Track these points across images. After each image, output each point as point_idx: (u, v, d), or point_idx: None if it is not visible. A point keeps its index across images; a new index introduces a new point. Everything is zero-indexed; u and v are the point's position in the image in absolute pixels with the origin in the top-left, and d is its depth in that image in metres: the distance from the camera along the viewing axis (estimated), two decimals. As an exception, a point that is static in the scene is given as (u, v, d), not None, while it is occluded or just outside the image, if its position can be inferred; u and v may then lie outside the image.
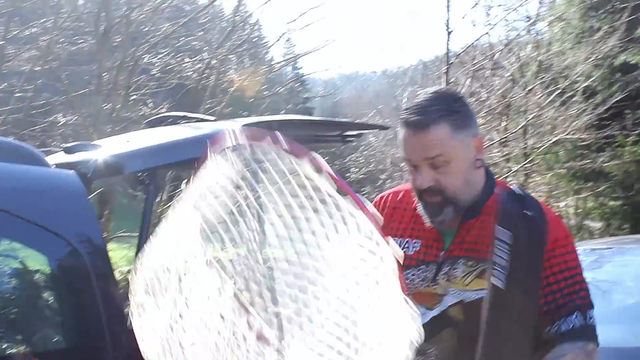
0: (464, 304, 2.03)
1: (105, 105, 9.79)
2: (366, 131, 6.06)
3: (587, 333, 1.99)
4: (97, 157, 2.74)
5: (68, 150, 2.96)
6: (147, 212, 2.81)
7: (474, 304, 2.00)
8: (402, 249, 2.12)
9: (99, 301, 2.39)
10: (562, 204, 17.67)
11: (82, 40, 11.15)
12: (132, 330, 2.54)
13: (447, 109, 2.03)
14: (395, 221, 2.23)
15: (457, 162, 2.03)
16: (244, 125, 2.90)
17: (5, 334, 2.54)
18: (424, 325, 1.67)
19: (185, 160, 2.84)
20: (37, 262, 2.61)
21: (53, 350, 2.57)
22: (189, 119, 3.40)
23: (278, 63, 12.69)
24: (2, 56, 9.97)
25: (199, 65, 11.43)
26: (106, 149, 2.86)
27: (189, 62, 11.60)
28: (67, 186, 2.49)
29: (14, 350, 2.47)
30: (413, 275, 2.11)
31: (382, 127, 4.87)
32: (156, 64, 11.01)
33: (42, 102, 11.28)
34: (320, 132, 3.50)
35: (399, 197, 2.28)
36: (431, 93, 2.08)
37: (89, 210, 2.51)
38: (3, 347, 2.46)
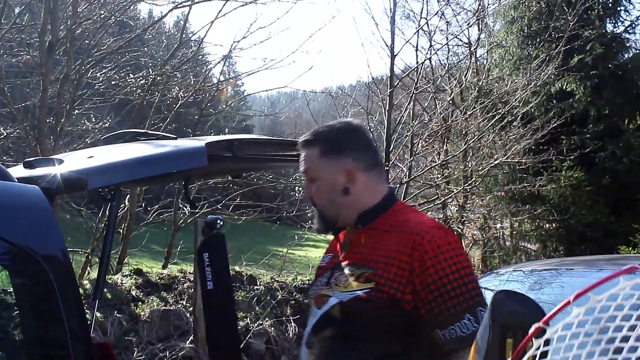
0: (342, 304, 2.34)
1: (49, 119, 9.65)
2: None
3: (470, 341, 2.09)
4: (60, 171, 2.72)
5: (28, 165, 2.93)
6: (111, 228, 2.80)
7: (349, 303, 2.31)
8: (322, 263, 2.62)
9: (63, 317, 2.37)
10: (498, 225, 18.02)
11: (23, 52, 10.98)
12: (96, 346, 2.54)
13: (326, 136, 2.49)
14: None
15: (321, 182, 2.48)
16: (207, 143, 2.92)
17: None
18: (315, 324, 2.38)
19: (150, 177, 2.85)
20: (0, 277, 2.58)
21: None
22: (148, 136, 3.40)
23: (225, 80, 12.66)
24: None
25: (143, 82, 11.36)
26: (69, 163, 2.85)
27: (133, 78, 11.53)
28: (31, 201, 2.47)
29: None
30: (319, 281, 2.52)
31: (339, 148, 4.92)
32: (101, 79, 10.91)
33: (-19, 114, 11.06)
34: (279, 152, 3.54)
35: None
36: (334, 122, 2.54)
37: (54, 226, 2.49)
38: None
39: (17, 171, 2.96)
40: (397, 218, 2.41)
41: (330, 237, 2.75)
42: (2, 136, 10.18)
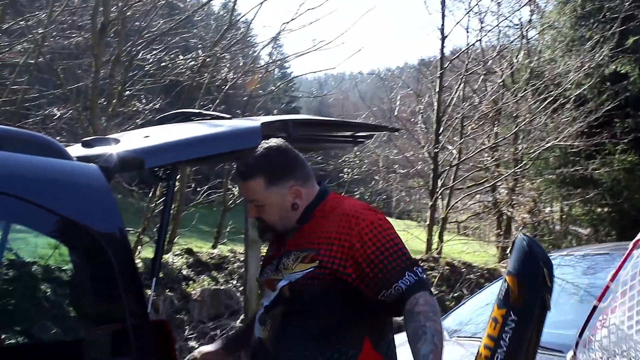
0: (290, 284, 2.60)
1: (101, 100, 9.77)
2: (377, 132, 6.10)
3: (423, 284, 2.48)
4: (117, 151, 2.74)
5: (86, 144, 2.96)
6: (167, 207, 2.82)
7: (297, 282, 2.58)
8: (268, 253, 2.86)
9: (122, 293, 2.39)
10: (548, 209, 17.78)
11: (75, 34, 11.11)
12: (154, 323, 2.57)
13: (266, 166, 2.65)
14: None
15: (270, 206, 2.67)
16: (263, 124, 2.91)
17: (26, 324, 2.55)
18: (268, 304, 2.67)
19: (205, 157, 2.85)
20: (61, 254, 2.62)
21: (75, 342, 2.58)
22: (203, 116, 3.41)
23: (273, 62, 12.67)
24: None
25: (192, 63, 11.42)
26: (126, 143, 2.86)
27: (182, 59, 11.60)
28: (90, 179, 2.50)
29: (36, 340, 2.48)
30: (268, 269, 2.74)
31: (393, 130, 4.90)
32: (151, 60, 10.99)
33: (35, 95, 11.25)
34: (333, 133, 3.52)
35: None
36: (262, 149, 2.68)
37: (112, 204, 2.52)
38: (25, 337, 2.47)
39: (75, 150, 2.99)
40: (333, 204, 2.70)
41: None
42: (55, 117, 10.33)
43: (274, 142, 2.76)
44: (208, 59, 11.16)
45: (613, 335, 2.34)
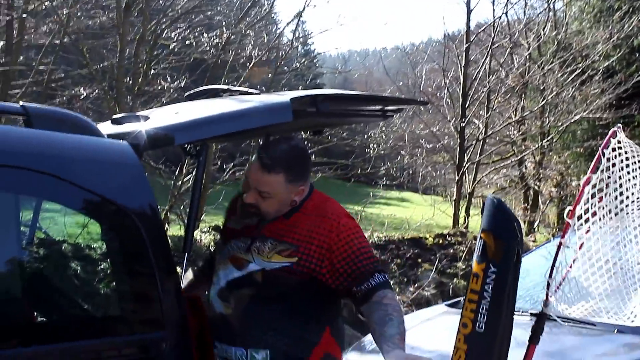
0: (265, 271, 2.72)
1: (126, 79, 9.79)
2: (406, 106, 6.06)
3: (389, 285, 2.71)
4: (147, 128, 2.73)
5: (116, 122, 2.95)
6: (198, 183, 2.81)
7: (272, 272, 2.70)
8: (230, 224, 2.97)
9: (155, 271, 2.39)
10: (574, 183, 17.62)
11: (100, 14, 11.13)
12: (187, 301, 2.57)
13: (290, 165, 2.73)
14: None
15: (274, 200, 2.74)
16: (292, 98, 2.88)
17: (59, 301, 2.56)
18: (232, 281, 2.77)
19: (235, 133, 2.84)
20: (94, 231, 2.63)
21: (108, 319, 2.59)
22: (232, 92, 3.39)
23: (296, 39, 12.60)
24: (22, 29, 9.97)
25: (216, 41, 11.40)
26: (155, 120, 2.85)
27: (206, 37, 11.58)
28: (121, 156, 2.49)
29: (69, 317, 2.49)
30: (235, 243, 2.82)
31: (423, 103, 4.88)
32: (175, 39, 10.99)
33: (61, 75, 11.31)
34: (362, 107, 3.49)
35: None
36: (288, 146, 2.76)
37: (144, 181, 2.51)
38: (58, 313, 2.48)
39: (105, 128, 2.98)
40: (316, 204, 2.84)
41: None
42: (82, 97, 10.38)
43: (298, 142, 2.89)
44: (232, 37, 11.13)
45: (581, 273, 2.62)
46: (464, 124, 12.72)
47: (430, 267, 10.50)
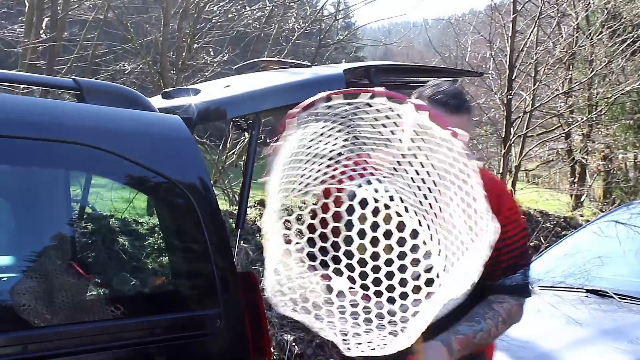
0: None
1: (170, 53, 9.79)
2: (460, 77, 5.96)
3: (524, 290, 2.48)
4: (198, 101, 2.70)
5: (167, 96, 2.92)
6: (250, 157, 2.77)
7: None
8: None
9: (208, 245, 2.37)
10: (620, 156, 17.30)
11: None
12: (240, 275, 2.54)
13: (469, 104, 2.51)
14: None
15: None
16: (345, 70, 2.83)
17: (113, 274, 2.55)
18: None
19: (287, 106, 2.78)
20: (148, 205, 2.61)
21: (162, 294, 2.58)
22: (282, 65, 3.34)
23: (338, 11, 12.46)
24: (66, 4, 10.00)
25: (259, 14, 11.34)
26: (206, 93, 2.82)
27: (249, 10, 11.52)
28: (174, 131, 2.46)
29: (121, 290, 2.48)
30: None
31: (477, 74, 4.78)
32: (218, 12, 10.95)
33: (105, 50, 11.36)
34: (416, 78, 3.42)
35: None
36: (454, 88, 2.51)
37: (197, 156, 2.48)
38: (110, 291, 2.47)
39: (156, 102, 2.96)
40: None
41: None
42: (126, 72, 10.41)
43: (450, 81, 2.73)
44: (275, 10, 11.06)
45: None
46: (510, 96, 12.49)
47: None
